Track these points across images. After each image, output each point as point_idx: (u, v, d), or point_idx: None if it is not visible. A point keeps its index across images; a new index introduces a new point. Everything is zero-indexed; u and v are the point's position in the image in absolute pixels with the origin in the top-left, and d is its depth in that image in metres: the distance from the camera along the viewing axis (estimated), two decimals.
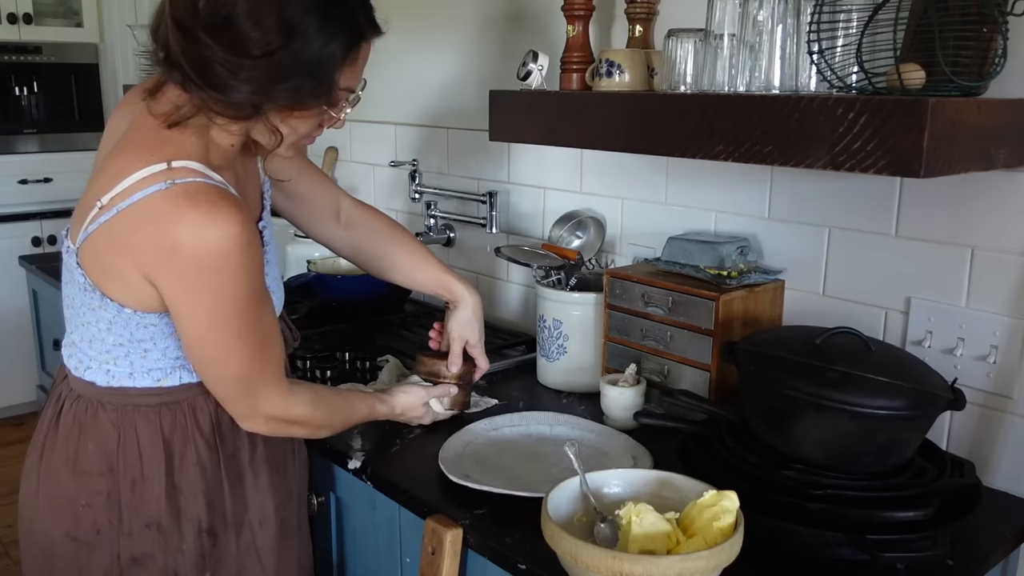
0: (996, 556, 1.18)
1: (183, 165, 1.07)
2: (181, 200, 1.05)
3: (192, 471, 1.21)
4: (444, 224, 2.29)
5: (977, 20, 1.11)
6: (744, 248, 1.54)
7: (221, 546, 1.24)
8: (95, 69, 3.92)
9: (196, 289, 1.08)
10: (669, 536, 1.03)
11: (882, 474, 1.19)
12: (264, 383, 1.18)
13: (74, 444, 1.21)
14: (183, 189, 1.05)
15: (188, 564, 1.22)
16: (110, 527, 1.20)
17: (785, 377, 1.18)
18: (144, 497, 1.19)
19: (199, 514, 1.22)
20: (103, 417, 1.20)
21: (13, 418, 3.84)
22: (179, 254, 1.05)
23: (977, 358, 1.33)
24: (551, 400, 1.67)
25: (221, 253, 1.05)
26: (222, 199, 1.06)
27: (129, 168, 1.07)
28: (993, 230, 1.30)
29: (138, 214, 1.06)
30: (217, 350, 1.13)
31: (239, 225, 1.05)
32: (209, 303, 1.09)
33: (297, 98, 1.08)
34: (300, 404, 1.23)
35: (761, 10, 1.20)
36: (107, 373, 1.19)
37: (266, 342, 1.16)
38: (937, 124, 0.97)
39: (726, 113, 1.15)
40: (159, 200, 1.05)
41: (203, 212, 1.04)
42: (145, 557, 1.20)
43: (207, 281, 1.07)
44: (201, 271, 1.06)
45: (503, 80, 2.02)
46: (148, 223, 1.06)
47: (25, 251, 3.56)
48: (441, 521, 1.21)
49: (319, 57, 1.05)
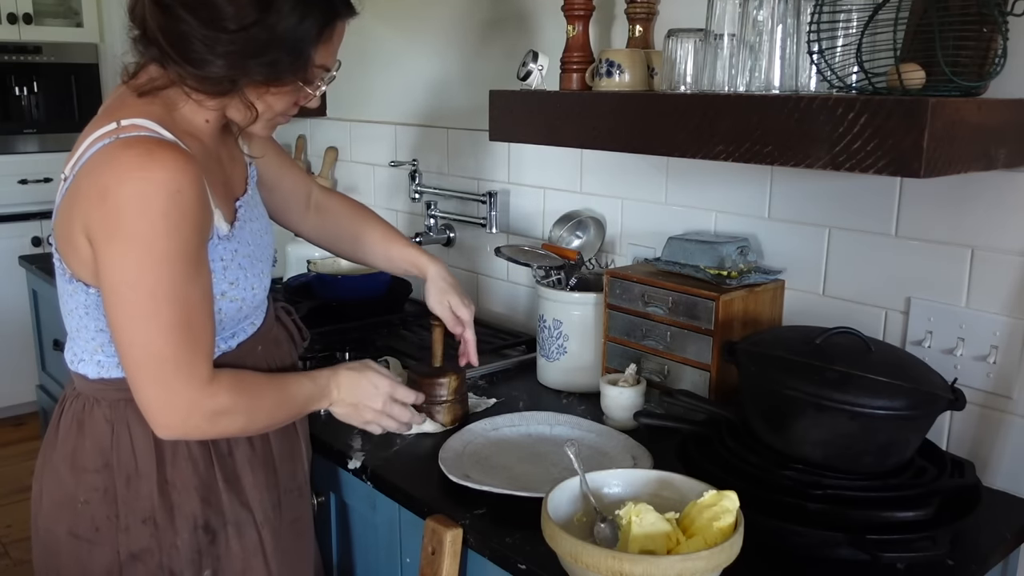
0: (996, 556, 1.18)
1: (131, 122, 1.08)
2: (118, 149, 1.05)
3: (184, 466, 1.20)
4: (444, 224, 2.29)
5: (977, 20, 1.11)
6: (744, 248, 1.54)
7: (221, 544, 1.24)
8: (95, 69, 3.92)
9: (114, 235, 1.03)
10: (669, 536, 1.03)
11: (882, 474, 1.19)
12: (178, 366, 1.08)
13: (73, 441, 1.21)
14: (124, 141, 1.05)
15: (184, 560, 1.21)
16: (108, 523, 1.20)
17: (785, 377, 1.18)
18: (139, 492, 1.19)
19: (193, 510, 1.21)
20: (98, 413, 1.20)
21: (13, 418, 3.84)
22: (105, 199, 1.03)
23: (977, 358, 1.33)
24: (551, 400, 1.67)
25: (143, 196, 1.02)
26: (158, 147, 1.04)
27: (86, 135, 1.10)
28: (993, 230, 1.30)
29: (82, 172, 1.07)
30: (129, 311, 1.06)
31: (168, 171, 1.02)
32: (125, 251, 1.04)
33: (273, 73, 1.09)
34: (223, 392, 1.13)
35: (761, 10, 1.20)
36: (97, 364, 1.19)
37: (190, 319, 1.08)
38: (937, 124, 0.97)
39: (726, 113, 1.15)
40: (100, 153, 1.05)
41: (133, 158, 1.03)
42: (143, 553, 1.20)
43: (125, 226, 1.03)
44: (120, 214, 1.02)
45: (503, 80, 2.01)
46: (86, 177, 1.06)
47: (25, 251, 3.56)
48: (441, 521, 1.21)
49: (295, 33, 1.07)
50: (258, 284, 1.24)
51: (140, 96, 1.11)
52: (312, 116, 2.76)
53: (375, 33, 2.46)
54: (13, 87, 3.75)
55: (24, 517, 3.08)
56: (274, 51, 1.07)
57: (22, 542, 2.94)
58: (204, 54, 1.05)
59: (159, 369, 1.08)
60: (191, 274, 1.07)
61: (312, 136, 2.86)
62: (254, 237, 1.25)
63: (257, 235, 1.26)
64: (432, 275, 1.51)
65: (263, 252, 1.27)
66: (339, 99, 2.68)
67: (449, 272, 1.53)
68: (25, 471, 3.38)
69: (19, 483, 3.31)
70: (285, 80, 1.11)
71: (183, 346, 1.08)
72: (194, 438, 1.19)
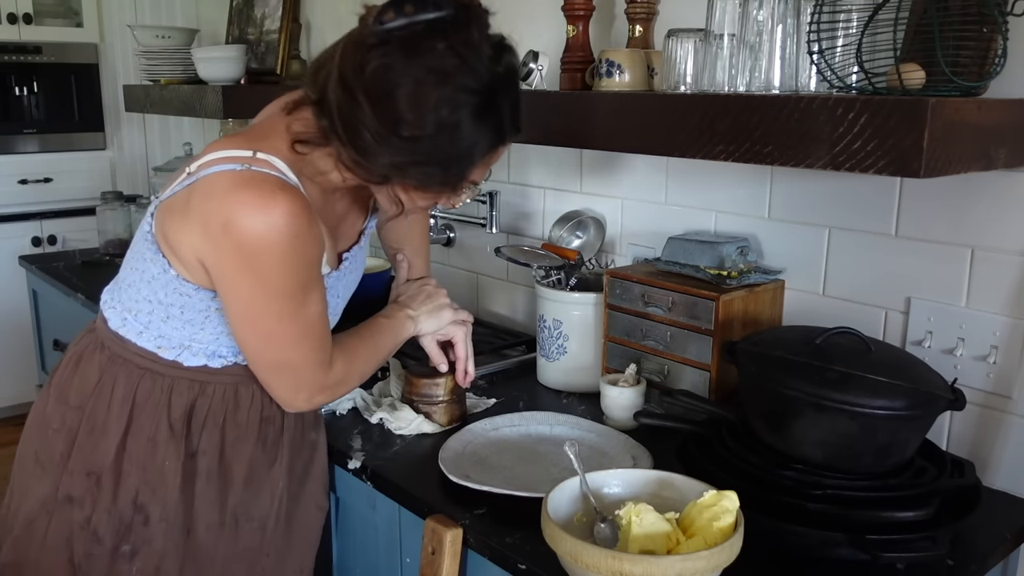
0: (996, 556, 1.18)
1: (266, 158, 1.11)
2: (242, 182, 1.08)
3: (144, 444, 1.22)
4: (444, 224, 2.29)
5: (977, 20, 1.11)
6: (744, 248, 1.54)
7: (153, 531, 1.23)
8: (95, 69, 3.91)
9: (237, 270, 1.11)
10: (669, 536, 1.03)
11: (882, 474, 1.19)
12: (308, 368, 1.20)
13: (68, 373, 1.28)
14: (251, 175, 1.09)
15: (109, 528, 1.23)
16: (60, 460, 1.24)
17: (785, 377, 1.18)
18: (96, 446, 1.23)
19: (137, 486, 1.22)
20: (97, 358, 1.25)
21: (13, 418, 3.84)
22: (227, 233, 1.08)
23: (977, 358, 1.33)
24: (551, 400, 1.67)
25: (266, 239, 1.07)
26: (281, 190, 1.08)
27: (226, 147, 1.13)
28: (993, 230, 1.30)
29: (205, 186, 1.11)
30: (257, 332, 1.16)
31: (288, 216, 1.07)
32: (250, 286, 1.11)
33: (428, 183, 1.10)
34: (337, 366, 1.24)
35: (761, 10, 1.20)
36: (123, 320, 1.24)
37: (312, 329, 1.18)
38: (937, 124, 0.97)
39: (726, 113, 1.15)
40: (226, 178, 1.09)
41: (257, 196, 1.07)
42: (77, 501, 1.23)
43: (248, 264, 1.09)
44: (243, 253, 1.08)
45: None
46: (209, 198, 1.10)
47: (25, 251, 3.55)
48: (441, 521, 1.21)
49: (460, 154, 1.07)
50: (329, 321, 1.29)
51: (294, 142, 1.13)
52: None
53: None
54: (13, 87, 3.74)
55: None
56: (436, 165, 1.07)
57: None
58: (371, 145, 1.05)
59: (292, 374, 1.20)
60: (311, 296, 1.16)
61: None
62: (344, 288, 1.32)
63: (350, 284, 1.34)
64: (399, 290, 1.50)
65: (347, 293, 1.34)
66: None
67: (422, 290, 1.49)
68: None
69: None
70: (434, 189, 1.12)
71: (310, 353, 1.19)
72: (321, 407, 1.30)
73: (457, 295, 2.27)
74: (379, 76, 1.01)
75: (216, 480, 1.26)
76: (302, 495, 1.37)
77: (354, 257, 1.33)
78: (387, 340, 1.38)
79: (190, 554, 1.26)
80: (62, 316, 2.64)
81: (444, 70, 1.01)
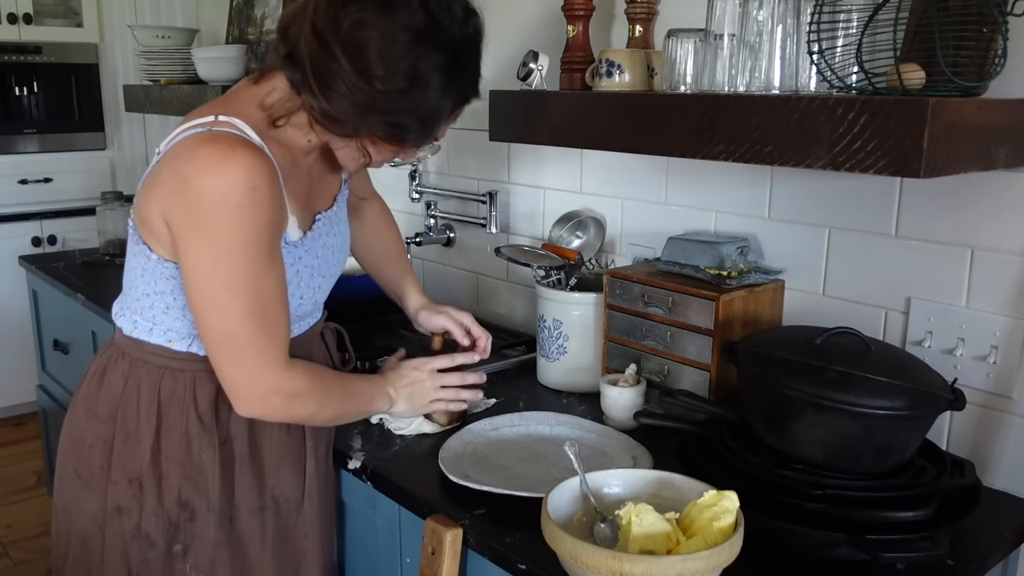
0: (996, 556, 1.18)
1: (227, 120, 1.13)
2: (203, 140, 1.10)
3: (178, 441, 1.23)
4: (444, 224, 2.29)
5: (977, 20, 1.11)
6: (744, 248, 1.54)
7: (200, 526, 1.25)
8: (95, 69, 3.92)
9: (193, 225, 1.10)
10: (669, 536, 1.03)
11: (882, 474, 1.19)
12: (255, 350, 1.15)
13: (95, 387, 1.28)
14: (210, 135, 1.11)
15: (159, 530, 1.24)
16: (101, 473, 1.25)
17: (785, 377, 1.18)
18: (132, 452, 1.23)
19: (179, 484, 1.23)
20: (120, 366, 1.26)
21: (13, 418, 3.84)
22: (185, 188, 1.09)
23: (977, 358, 1.33)
24: (551, 400, 1.67)
25: (221, 190, 1.07)
26: (241, 144, 1.09)
27: (190, 119, 1.16)
28: (993, 230, 1.30)
29: (168, 155, 1.14)
30: (208, 298, 1.13)
31: (245, 168, 1.08)
32: (204, 241, 1.10)
33: (396, 135, 1.14)
34: (299, 376, 1.20)
35: (761, 10, 1.20)
36: (133, 324, 1.25)
37: (264, 307, 1.14)
38: (937, 124, 0.97)
39: (726, 113, 1.15)
40: (189, 140, 1.12)
41: (216, 151, 1.08)
42: (125, 511, 1.24)
43: (203, 217, 1.09)
44: (198, 205, 1.08)
45: (503, 80, 2.01)
46: (174, 158, 1.12)
47: (25, 251, 3.56)
48: (441, 521, 1.21)
49: (431, 110, 1.12)
50: (308, 295, 1.28)
51: (271, 121, 1.16)
52: None
53: None
54: (13, 87, 3.75)
55: (24, 517, 3.09)
56: (407, 118, 1.11)
57: (22, 542, 2.94)
58: (344, 96, 1.08)
59: (238, 353, 1.15)
60: (265, 266, 1.13)
61: None
62: (324, 252, 1.30)
63: (328, 250, 1.31)
64: (418, 304, 1.55)
65: (327, 268, 1.32)
66: None
67: None
68: (25, 471, 3.38)
69: (19, 483, 3.31)
70: (406, 143, 1.16)
71: (259, 332, 1.14)
72: (271, 419, 1.24)
73: (457, 295, 2.27)
74: (354, 30, 1.05)
75: (250, 464, 1.27)
76: (328, 475, 1.41)
77: (329, 221, 1.31)
78: (361, 394, 1.34)
79: (238, 542, 1.28)
80: (62, 316, 2.64)
81: (417, 27, 1.06)
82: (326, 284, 1.33)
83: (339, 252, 1.35)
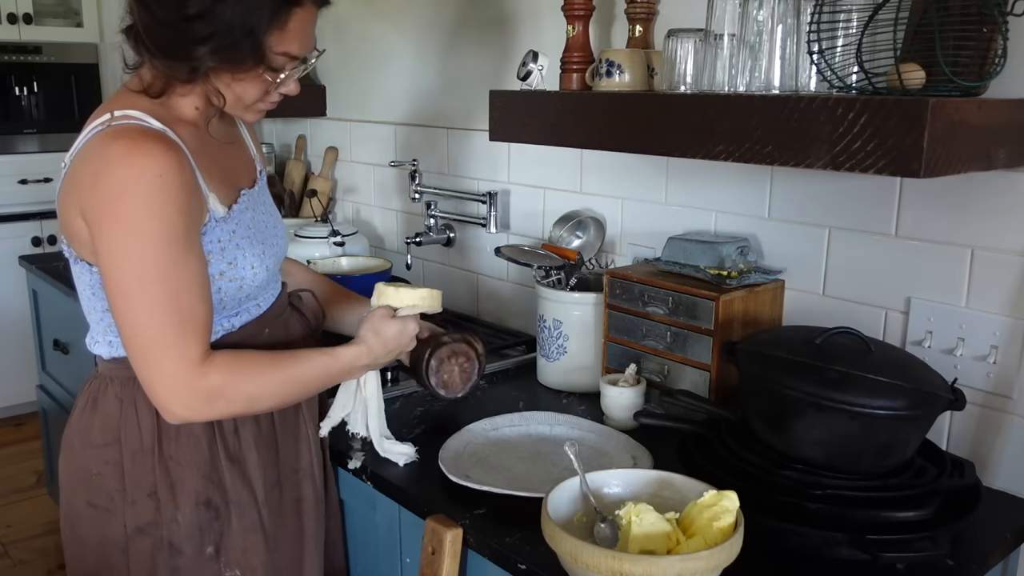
0: (996, 556, 1.18)
1: (124, 113, 1.14)
2: (109, 136, 1.11)
3: (186, 442, 1.23)
4: (444, 224, 2.28)
5: (977, 20, 1.11)
6: (744, 248, 1.54)
7: (223, 521, 1.25)
8: (95, 69, 3.92)
9: (103, 218, 1.09)
10: (669, 536, 1.03)
11: (882, 474, 1.19)
12: (165, 346, 1.10)
13: (87, 418, 1.26)
14: (113, 131, 1.12)
15: (184, 535, 1.23)
16: (119, 496, 1.24)
17: (785, 377, 1.18)
18: (143, 467, 1.23)
19: (195, 486, 1.23)
20: (111, 391, 1.25)
21: (13, 418, 3.84)
22: (96, 184, 1.09)
23: (977, 358, 1.33)
24: (551, 400, 1.67)
25: (129, 181, 1.08)
26: (144, 135, 1.10)
27: (86, 125, 1.17)
28: (993, 230, 1.30)
29: (78, 159, 1.14)
30: (119, 291, 1.10)
31: (151, 157, 1.08)
32: (112, 233, 1.09)
33: (226, 59, 1.13)
34: (215, 372, 1.13)
35: (761, 10, 1.20)
36: (109, 344, 1.24)
37: (178, 300, 1.10)
38: (937, 124, 0.97)
39: (726, 113, 1.15)
40: (93, 141, 1.13)
41: (122, 145, 1.09)
42: (147, 527, 1.23)
43: (113, 209, 1.08)
44: (108, 198, 1.08)
45: (503, 80, 2.01)
46: (81, 162, 1.13)
47: (25, 251, 3.56)
48: (441, 521, 1.21)
49: (243, 21, 1.11)
50: (258, 264, 1.24)
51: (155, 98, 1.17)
52: (312, 116, 2.76)
53: (375, 33, 2.46)
54: (13, 87, 3.75)
55: (24, 517, 3.09)
56: (223, 38, 1.11)
57: (22, 542, 2.94)
58: (168, 38, 1.12)
59: (148, 348, 1.11)
60: (178, 257, 1.10)
61: (312, 136, 2.86)
62: (256, 224, 1.27)
63: (260, 224, 1.29)
64: None
65: (266, 237, 1.29)
66: (339, 99, 2.68)
67: None
68: (25, 471, 3.38)
69: (19, 483, 3.31)
70: (243, 67, 1.15)
71: (169, 326, 1.10)
72: (199, 420, 1.19)
73: (457, 295, 2.27)
74: None
75: (256, 441, 1.27)
76: (325, 448, 1.42)
77: (253, 199, 1.28)
78: (307, 374, 1.23)
79: (264, 523, 1.28)
80: (62, 316, 2.64)
81: None
82: (270, 251, 1.28)
83: (273, 227, 1.32)
